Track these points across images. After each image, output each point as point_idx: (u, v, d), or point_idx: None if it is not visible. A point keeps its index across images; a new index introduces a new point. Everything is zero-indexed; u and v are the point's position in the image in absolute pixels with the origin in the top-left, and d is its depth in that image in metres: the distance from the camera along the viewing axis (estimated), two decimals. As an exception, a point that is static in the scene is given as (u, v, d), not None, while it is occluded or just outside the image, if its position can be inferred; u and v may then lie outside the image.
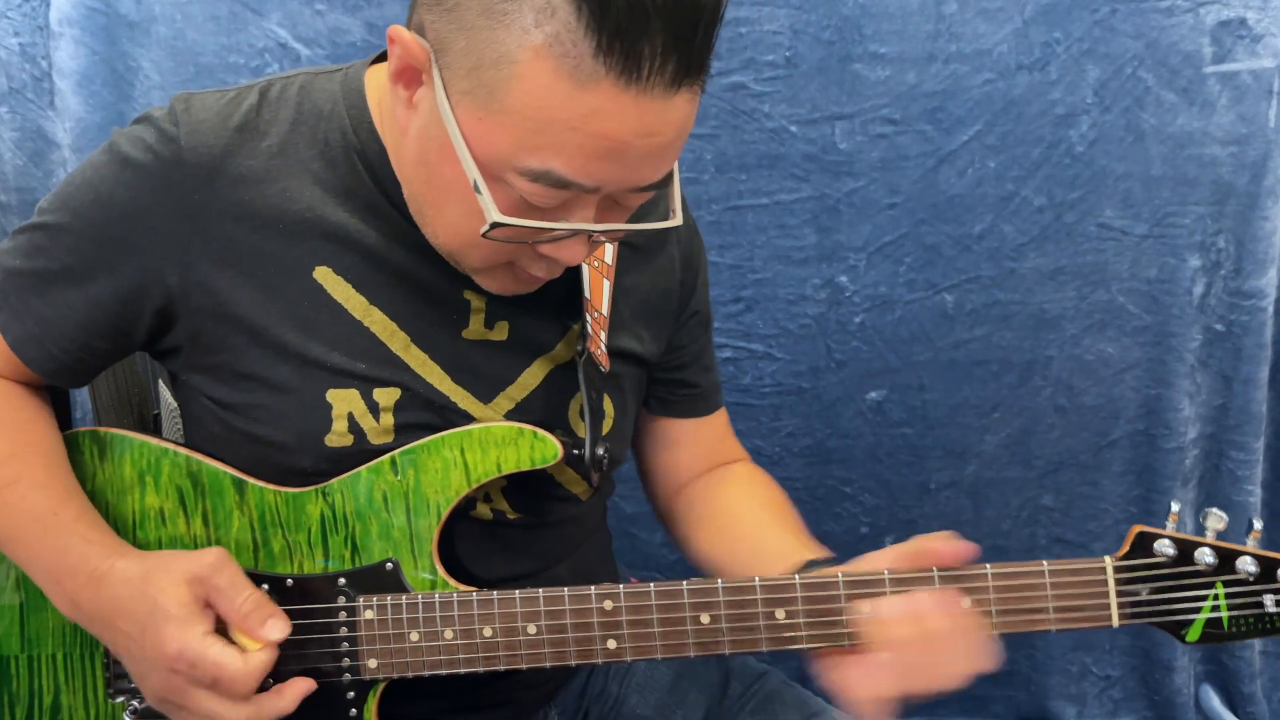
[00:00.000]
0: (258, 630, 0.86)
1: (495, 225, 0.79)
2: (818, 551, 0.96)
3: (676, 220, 0.86)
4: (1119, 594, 0.86)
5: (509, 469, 0.92)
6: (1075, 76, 1.59)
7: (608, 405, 1.01)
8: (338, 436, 0.92)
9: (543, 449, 0.92)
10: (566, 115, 0.75)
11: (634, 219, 0.88)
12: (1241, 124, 1.61)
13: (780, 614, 0.87)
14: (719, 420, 1.16)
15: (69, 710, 0.96)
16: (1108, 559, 0.86)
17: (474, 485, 0.92)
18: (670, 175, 0.85)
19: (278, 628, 0.87)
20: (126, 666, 0.90)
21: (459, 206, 0.83)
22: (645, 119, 0.76)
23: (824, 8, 1.58)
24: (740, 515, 1.08)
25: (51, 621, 0.96)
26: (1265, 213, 1.62)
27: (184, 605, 0.85)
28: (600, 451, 0.95)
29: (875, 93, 1.61)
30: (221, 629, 0.87)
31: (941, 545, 0.87)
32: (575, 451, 0.94)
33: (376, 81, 0.93)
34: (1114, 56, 1.59)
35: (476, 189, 0.79)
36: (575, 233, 0.82)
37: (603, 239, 0.87)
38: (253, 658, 0.85)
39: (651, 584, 0.89)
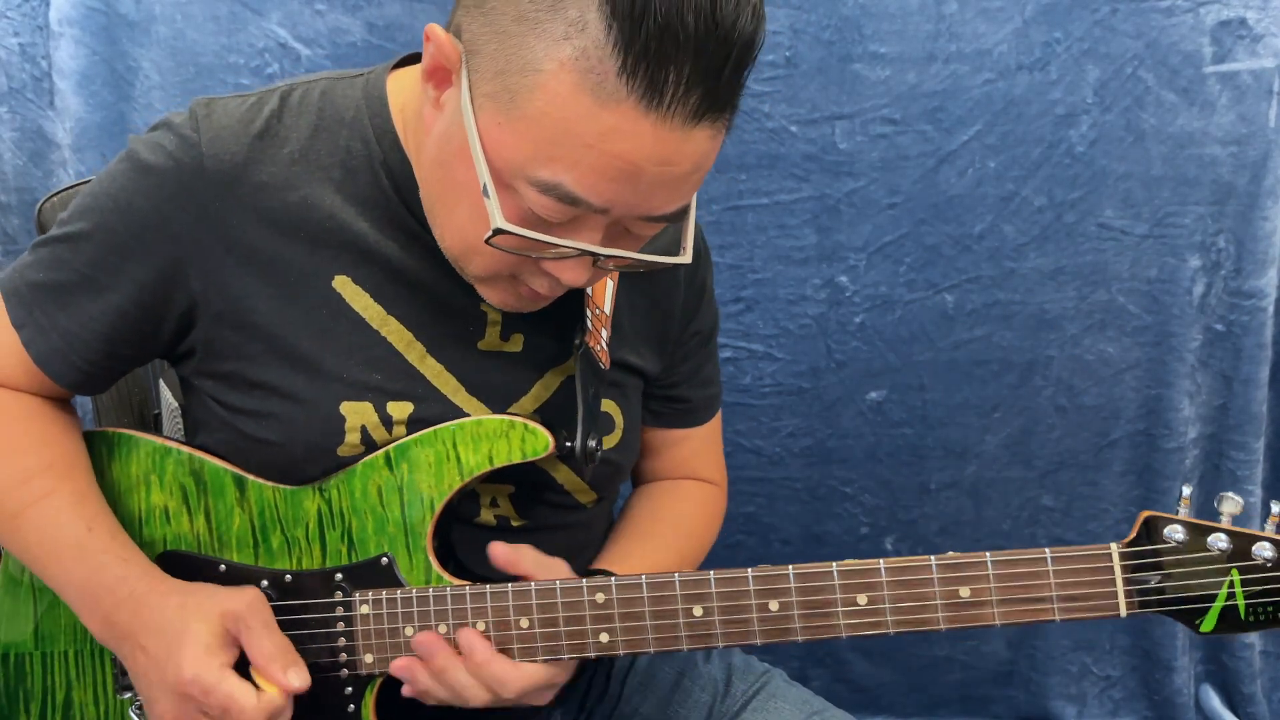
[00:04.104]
0: (279, 675, 0.86)
1: (498, 232, 0.78)
2: (619, 565, 1.00)
3: (685, 259, 0.86)
4: (1126, 581, 0.82)
5: (500, 462, 0.92)
6: (1075, 76, 1.59)
7: (616, 415, 1.01)
8: (350, 448, 0.92)
9: (533, 441, 0.92)
10: (583, 130, 0.74)
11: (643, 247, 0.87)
12: (1241, 124, 1.60)
13: (774, 605, 0.87)
14: (703, 434, 1.16)
15: (80, 706, 0.97)
16: (1114, 545, 0.82)
17: (467, 479, 0.92)
18: (685, 210, 0.85)
19: (298, 676, 0.87)
20: (137, 687, 0.90)
21: (469, 210, 0.83)
22: (662, 147, 0.75)
23: (824, 8, 1.58)
24: (629, 517, 1.10)
25: (64, 619, 0.97)
26: (1265, 213, 1.62)
27: (214, 636, 0.85)
28: (592, 444, 0.94)
29: (875, 93, 1.61)
30: (242, 669, 0.87)
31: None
32: (567, 444, 0.94)
33: (399, 87, 0.93)
34: (1114, 56, 1.59)
35: (485, 193, 0.78)
36: (580, 253, 0.81)
37: (610, 265, 0.86)
38: (265, 696, 0.85)
39: (643, 576, 0.88)
